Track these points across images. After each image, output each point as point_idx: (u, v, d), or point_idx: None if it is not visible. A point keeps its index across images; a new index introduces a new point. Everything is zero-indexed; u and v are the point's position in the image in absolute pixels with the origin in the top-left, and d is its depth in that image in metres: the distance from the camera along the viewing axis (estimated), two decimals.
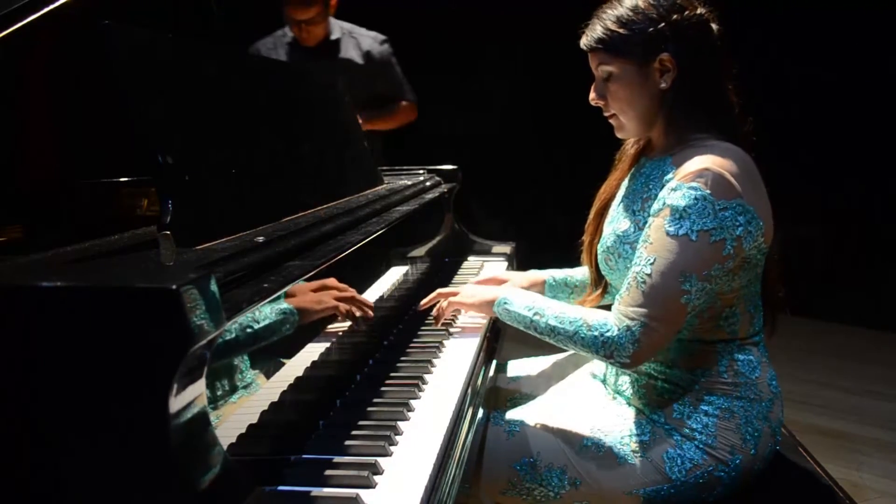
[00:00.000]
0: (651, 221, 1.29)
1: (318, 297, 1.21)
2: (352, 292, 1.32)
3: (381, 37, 3.16)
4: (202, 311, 0.74)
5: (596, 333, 1.29)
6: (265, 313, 1.03)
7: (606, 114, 1.43)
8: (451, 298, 1.56)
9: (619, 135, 1.46)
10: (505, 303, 1.45)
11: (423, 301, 1.63)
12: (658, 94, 1.35)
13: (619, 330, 1.27)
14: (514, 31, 4.67)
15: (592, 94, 1.42)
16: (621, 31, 1.33)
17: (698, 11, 1.34)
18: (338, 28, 3.10)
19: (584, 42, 1.39)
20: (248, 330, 0.98)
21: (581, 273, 1.71)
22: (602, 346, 1.29)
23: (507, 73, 4.66)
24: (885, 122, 4.07)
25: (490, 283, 1.70)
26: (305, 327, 1.19)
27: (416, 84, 3.28)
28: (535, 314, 1.38)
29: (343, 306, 1.28)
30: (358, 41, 3.11)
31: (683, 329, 1.33)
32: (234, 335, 0.94)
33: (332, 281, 1.25)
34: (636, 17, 1.32)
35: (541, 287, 1.72)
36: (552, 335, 1.36)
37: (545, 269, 1.76)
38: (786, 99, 4.00)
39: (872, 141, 4.15)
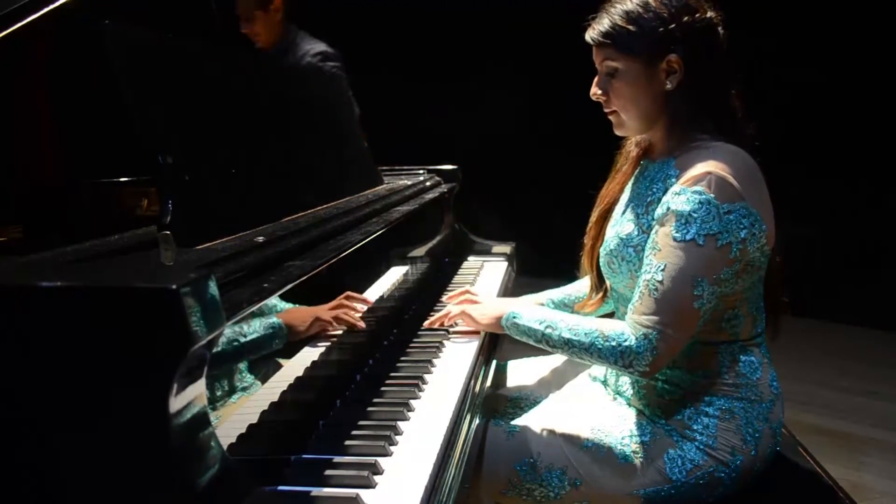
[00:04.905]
0: (657, 228, 1.29)
1: (307, 315, 1.20)
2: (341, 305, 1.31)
3: (327, 52, 2.83)
4: (202, 312, 0.74)
5: (613, 343, 1.29)
6: (255, 327, 1.02)
7: (607, 110, 1.41)
8: (457, 311, 1.56)
9: (617, 132, 1.45)
10: (514, 317, 1.44)
11: (430, 320, 1.61)
12: (662, 94, 1.34)
13: (636, 339, 1.27)
14: (515, 31, 4.67)
15: (594, 89, 1.40)
16: (630, 27, 1.31)
17: (708, 15, 1.32)
18: (287, 37, 2.84)
19: (591, 35, 1.37)
20: (235, 343, 0.97)
21: (577, 289, 1.69)
22: (620, 357, 1.28)
23: (507, 72, 4.66)
24: (885, 122, 4.07)
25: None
26: None
27: (416, 83, 3.22)
28: (547, 327, 1.38)
29: (330, 315, 1.27)
30: (298, 53, 2.83)
31: None
32: (223, 349, 0.94)
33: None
34: (646, 14, 1.30)
35: None
36: (566, 348, 1.35)
37: (541, 293, 1.73)
38: (786, 99, 4.00)
39: (873, 141, 4.14)
